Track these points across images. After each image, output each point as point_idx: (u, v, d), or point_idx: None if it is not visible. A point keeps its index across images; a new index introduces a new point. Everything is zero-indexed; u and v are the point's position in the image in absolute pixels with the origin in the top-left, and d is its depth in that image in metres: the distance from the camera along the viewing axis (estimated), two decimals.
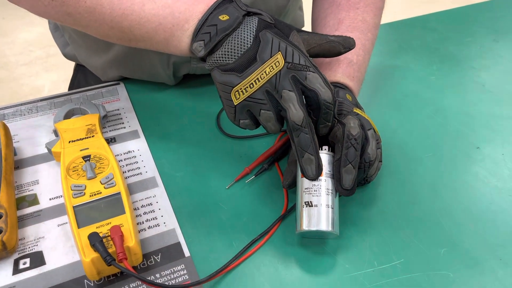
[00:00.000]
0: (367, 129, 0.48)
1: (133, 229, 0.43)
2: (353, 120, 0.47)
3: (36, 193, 0.51)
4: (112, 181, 0.48)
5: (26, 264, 0.44)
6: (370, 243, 0.47)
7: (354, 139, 0.46)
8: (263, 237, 0.48)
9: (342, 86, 0.55)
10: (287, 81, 0.43)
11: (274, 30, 0.45)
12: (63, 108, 0.58)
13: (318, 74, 0.44)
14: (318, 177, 0.45)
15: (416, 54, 0.78)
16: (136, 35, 0.47)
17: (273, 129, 0.46)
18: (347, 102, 0.52)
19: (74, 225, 0.43)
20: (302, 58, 0.44)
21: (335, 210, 0.45)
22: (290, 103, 0.43)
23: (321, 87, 0.44)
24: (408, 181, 0.54)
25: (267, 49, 0.44)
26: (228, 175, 0.55)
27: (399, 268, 0.45)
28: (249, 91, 0.44)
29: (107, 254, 0.40)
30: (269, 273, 0.45)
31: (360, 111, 0.51)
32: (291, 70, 0.43)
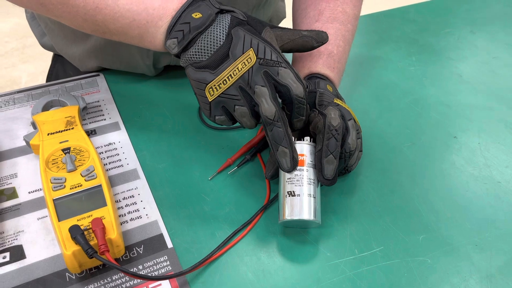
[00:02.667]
0: (347, 120, 0.49)
1: (115, 221, 0.43)
2: (334, 111, 0.48)
3: (15, 187, 0.50)
4: (93, 173, 0.47)
5: (6, 258, 0.44)
6: (350, 231, 0.48)
7: (335, 130, 0.47)
8: (246, 227, 0.48)
9: (323, 77, 0.56)
10: (259, 76, 0.44)
11: (247, 27, 0.46)
12: (41, 99, 0.56)
13: (289, 70, 0.45)
14: (293, 169, 0.45)
15: (395, 45, 0.79)
16: (111, 29, 0.47)
17: (249, 124, 0.46)
18: (328, 93, 0.52)
19: (55, 218, 0.43)
20: (274, 54, 0.45)
21: (317, 199, 0.46)
22: (262, 98, 0.44)
23: (292, 82, 0.44)
24: (388, 170, 0.55)
25: (239, 45, 0.44)
26: (211, 167, 0.55)
27: (378, 255, 0.46)
28: (223, 87, 0.45)
29: (88, 246, 0.40)
30: (252, 263, 0.45)
31: (340, 102, 0.52)
32: (263, 66, 0.44)
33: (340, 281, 0.43)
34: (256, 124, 0.47)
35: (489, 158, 0.57)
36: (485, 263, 0.45)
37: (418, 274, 0.44)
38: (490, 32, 0.84)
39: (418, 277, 0.44)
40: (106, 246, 0.41)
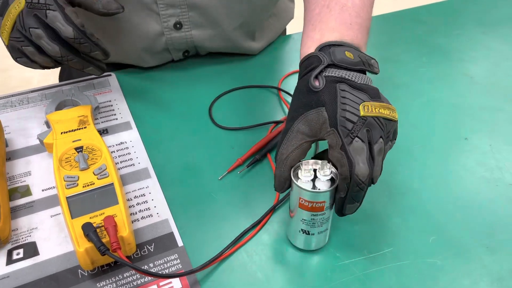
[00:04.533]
0: (374, 144, 0.41)
1: (126, 219, 0.44)
2: (362, 157, 0.40)
3: (29, 184, 0.51)
4: (105, 172, 0.48)
5: (19, 254, 0.45)
6: (360, 232, 0.48)
7: (362, 184, 0.40)
8: (255, 227, 0.48)
9: (337, 42, 0.45)
10: (31, 19, 0.48)
11: None
12: (55, 99, 0.57)
13: (58, 12, 0.48)
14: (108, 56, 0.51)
15: (406, 46, 0.79)
16: None
17: (41, 61, 0.51)
18: (348, 92, 0.42)
19: (68, 216, 0.43)
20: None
21: (329, 227, 0.45)
22: (40, 40, 0.48)
23: (60, 26, 0.48)
24: (397, 171, 0.55)
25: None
26: (221, 166, 0.55)
27: (388, 256, 0.46)
28: (7, 31, 0.50)
29: (101, 244, 0.40)
30: (261, 262, 0.45)
31: (369, 97, 0.43)
32: (32, 9, 0.48)
33: (349, 281, 0.44)
34: (50, 62, 0.50)
35: (501, 160, 0.57)
36: (496, 265, 0.45)
37: (428, 276, 0.44)
38: (502, 34, 0.83)
39: (428, 278, 0.44)
40: (118, 243, 0.41)
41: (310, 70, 0.44)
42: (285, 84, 0.70)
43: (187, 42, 0.68)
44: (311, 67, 0.44)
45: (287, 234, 0.47)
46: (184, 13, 0.65)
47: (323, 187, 0.41)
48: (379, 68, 0.48)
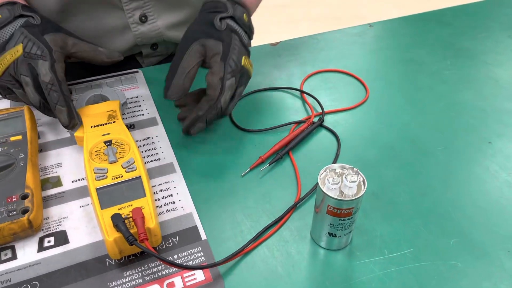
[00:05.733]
0: (226, 80, 0.53)
1: (153, 212, 0.45)
2: (230, 92, 0.54)
3: (59, 175, 0.53)
4: (133, 165, 0.49)
5: (50, 242, 0.46)
6: (381, 232, 0.48)
7: (221, 110, 0.54)
8: (277, 223, 0.49)
9: (240, 1, 0.59)
10: (24, 67, 0.52)
11: (33, 29, 0.54)
12: (85, 94, 0.59)
13: (48, 62, 0.52)
14: (71, 124, 0.52)
15: (430, 49, 0.79)
16: None
17: (27, 103, 0.54)
18: (239, 43, 0.55)
19: (98, 206, 0.45)
20: (40, 50, 0.52)
21: (354, 226, 0.46)
22: (26, 87, 0.52)
23: (43, 70, 0.51)
24: (419, 173, 0.55)
25: (12, 41, 0.53)
26: (243, 163, 0.56)
27: (408, 257, 0.46)
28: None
29: (129, 234, 0.42)
30: (282, 258, 0.46)
31: (247, 54, 0.57)
32: (27, 58, 0.52)
33: (369, 280, 0.44)
34: (38, 100, 0.53)
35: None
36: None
37: (449, 278, 0.44)
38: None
39: (448, 280, 0.44)
40: (146, 234, 0.42)
41: (215, 11, 0.56)
42: (306, 85, 0.71)
43: (156, 34, 0.70)
44: (218, 10, 0.56)
45: (311, 234, 0.48)
46: (148, 4, 0.67)
47: (351, 194, 0.42)
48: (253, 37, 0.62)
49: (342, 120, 0.64)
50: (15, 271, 0.44)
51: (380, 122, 0.63)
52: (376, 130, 0.62)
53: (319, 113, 0.64)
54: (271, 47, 0.79)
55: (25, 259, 0.45)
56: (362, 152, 0.59)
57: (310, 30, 2.58)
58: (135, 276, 0.44)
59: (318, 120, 0.62)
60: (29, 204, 0.46)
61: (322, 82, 0.71)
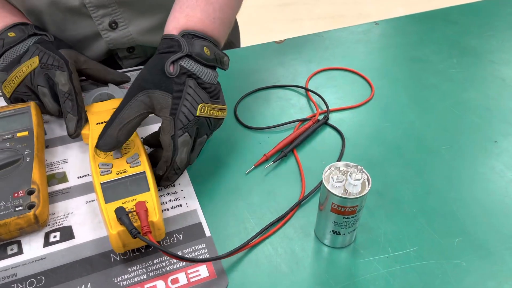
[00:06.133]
0: (178, 136, 0.47)
1: (157, 206, 0.45)
2: (186, 149, 0.48)
3: (65, 171, 0.53)
4: (138, 160, 0.50)
5: (56, 237, 0.47)
6: (385, 230, 0.48)
7: (179, 169, 0.49)
8: (281, 220, 0.49)
9: (199, 34, 0.51)
10: (41, 78, 0.54)
11: (47, 45, 0.57)
12: (92, 92, 0.60)
13: (66, 73, 0.54)
14: (76, 134, 0.53)
15: (436, 47, 0.79)
16: None
17: (49, 112, 0.56)
18: (193, 90, 0.48)
19: (102, 201, 0.45)
20: (56, 61, 0.55)
21: (358, 223, 0.46)
22: (44, 97, 0.54)
23: (62, 81, 0.54)
24: (424, 172, 0.55)
25: (28, 54, 0.55)
26: (248, 161, 0.56)
27: (412, 255, 0.46)
28: (13, 85, 0.55)
29: (132, 227, 0.42)
30: (286, 255, 0.46)
31: (209, 97, 0.50)
32: (44, 69, 0.54)
33: (373, 278, 0.44)
34: (57, 110, 0.55)
35: None
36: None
37: (453, 276, 0.44)
38: None
39: (452, 279, 0.44)
40: (149, 227, 0.43)
41: (169, 51, 0.50)
42: (311, 83, 0.71)
43: (128, 40, 0.68)
44: (171, 49, 0.50)
45: (315, 231, 0.48)
46: (116, 11, 0.64)
47: (355, 192, 0.42)
48: (229, 66, 0.56)
49: (347, 118, 0.64)
50: (21, 266, 0.44)
51: (385, 120, 0.63)
52: (381, 128, 0.62)
53: (324, 111, 0.64)
54: (277, 45, 0.79)
55: (31, 254, 0.45)
56: (367, 151, 0.58)
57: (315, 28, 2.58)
58: (140, 272, 0.44)
59: (323, 118, 0.62)
60: (35, 200, 0.46)
61: (327, 80, 0.71)
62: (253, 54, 0.76)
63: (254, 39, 1.20)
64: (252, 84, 0.69)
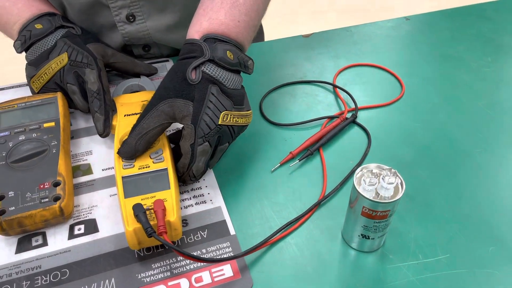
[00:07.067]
0: (198, 145, 0.46)
1: (175, 205, 0.44)
2: (204, 158, 0.47)
3: (90, 163, 0.53)
4: (161, 156, 0.49)
5: (80, 230, 0.47)
6: (415, 235, 0.47)
7: (194, 177, 0.49)
8: (300, 219, 0.48)
9: (222, 37, 0.49)
10: (70, 76, 0.54)
11: (75, 39, 0.56)
12: (123, 83, 0.59)
13: (95, 71, 0.54)
14: (105, 133, 0.52)
15: (470, 44, 0.76)
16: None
17: (78, 109, 0.57)
18: (215, 97, 0.47)
19: (121, 195, 0.45)
20: (85, 58, 0.55)
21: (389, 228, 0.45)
22: (73, 95, 0.55)
23: (92, 79, 0.54)
24: (456, 175, 0.53)
25: (56, 50, 0.55)
26: (273, 158, 0.55)
27: (444, 263, 0.44)
28: (42, 82, 0.55)
29: (148, 225, 0.41)
30: (312, 257, 0.45)
31: (232, 105, 0.48)
32: (73, 67, 0.54)
33: (402, 285, 0.43)
34: (86, 107, 0.55)
35: None
36: None
37: (486, 287, 0.43)
38: None
39: None
40: (165, 227, 0.42)
41: (191, 57, 0.48)
42: (339, 79, 0.69)
43: (144, 35, 0.66)
44: (193, 55, 0.48)
45: (342, 234, 0.47)
46: (135, 4, 0.62)
47: (387, 196, 0.41)
48: (253, 69, 0.53)
49: (375, 117, 0.62)
50: (45, 258, 0.44)
51: (416, 120, 0.61)
52: (411, 128, 0.60)
53: (352, 109, 0.63)
54: (304, 39, 0.77)
55: (55, 246, 0.45)
56: (396, 151, 0.57)
57: (338, 21, 2.53)
58: (163, 269, 0.44)
59: (351, 116, 0.60)
60: (61, 192, 0.46)
61: (356, 76, 0.69)
62: (279, 48, 0.75)
63: (275, 32, 1.18)
64: (278, 79, 0.68)
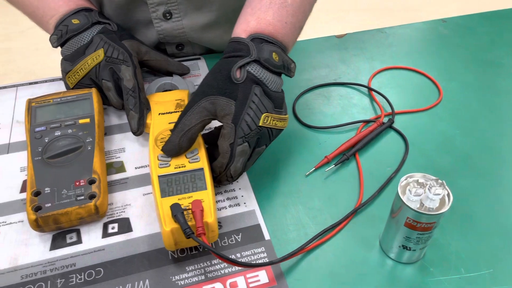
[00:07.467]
0: (237, 145, 0.45)
1: (213, 206, 0.44)
2: (242, 159, 0.46)
3: (123, 161, 0.53)
4: (197, 156, 0.48)
5: (114, 229, 0.46)
6: (456, 248, 0.45)
7: (231, 178, 0.48)
8: (336, 227, 0.47)
9: (269, 38, 0.49)
10: (106, 72, 0.54)
11: (111, 35, 0.56)
12: (156, 81, 0.59)
13: (131, 68, 0.54)
14: (139, 131, 0.52)
15: (510, 49, 0.73)
16: (24, 12, 0.60)
17: (112, 105, 0.56)
18: (258, 98, 0.46)
19: (158, 194, 0.44)
20: (121, 54, 0.54)
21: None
22: (108, 91, 0.54)
23: (127, 76, 0.53)
24: (499, 186, 0.51)
25: (92, 46, 0.55)
26: (307, 161, 0.54)
27: (487, 278, 0.43)
28: (77, 77, 0.55)
29: (187, 226, 0.41)
30: (348, 264, 0.44)
31: (273, 107, 0.47)
32: (109, 63, 0.54)
33: None
34: (120, 104, 0.55)
35: None
36: None
37: None
38: None
39: None
40: (203, 228, 0.41)
41: (237, 56, 0.48)
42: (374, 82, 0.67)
43: (179, 33, 0.65)
44: (239, 54, 0.48)
45: (380, 243, 0.45)
46: (173, 1, 0.61)
47: (432, 207, 0.39)
48: (295, 72, 0.52)
49: (412, 122, 0.60)
50: (80, 256, 0.44)
51: (455, 127, 0.59)
52: (451, 135, 0.58)
53: (389, 113, 0.61)
54: (337, 39, 0.75)
55: (90, 244, 0.45)
56: (435, 159, 0.55)
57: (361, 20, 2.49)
58: (198, 272, 0.43)
59: (388, 121, 0.59)
60: (96, 190, 0.45)
61: (391, 79, 0.67)
62: (312, 48, 0.73)
63: None
64: (311, 80, 0.67)
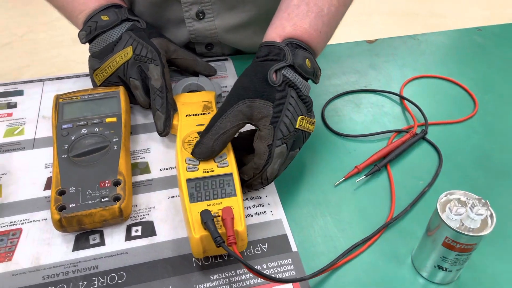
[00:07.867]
0: (275, 146, 0.45)
1: (242, 213, 0.42)
2: (280, 160, 0.45)
3: (148, 162, 0.52)
4: (225, 161, 0.47)
5: (138, 232, 0.45)
6: (493, 270, 0.43)
7: (267, 180, 0.46)
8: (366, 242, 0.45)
9: (304, 45, 0.49)
10: (134, 70, 0.53)
11: (139, 33, 0.55)
12: (182, 81, 0.57)
13: (159, 67, 0.53)
14: (165, 132, 0.51)
15: None
16: (53, 5, 0.60)
17: (139, 104, 0.55)
18: (295, 101, 0.46)
19: (186, 199, 0.43)
20: (150, 53, 0.53)
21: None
22: (135, 90, 0.54)
23: (155, 75, 0.52)
24: None
25: (121, 43, 0.54)
26: (336, 171, 0.52)
27: None
28: (105, 75, 0.54)
29: (218, 234, 0.39)
30: (379, 283, 0.42)
31: (306, 110, 0.47)
32: (138, 61, 0.53)
33: None
34: (147, 103, 0.54)
35: None
36: None
37: None
38: None
39: None
40: (234, 237, 0.40)
41: (272, 59, 0.47)
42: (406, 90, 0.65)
43: (211, 33, 0.64)
44: (274, 57, 0.47)
45: (413, 260, 0.43)
46: (207, 1, 0.60)
47: (472, 227, 0.37)
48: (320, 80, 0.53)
49: (445, 134, 0.58)
50: (102, 258, 0.43)
51: (491, 141, 0.57)
52: (487, 150, 0.56)
53: (422, 123, 0.59)
54: (368, 45, 0.73)
55: (112, 246, 0.44)
56: (470, 174, 0.53)
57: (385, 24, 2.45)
58: (222, 282, 0.42)
59: (421, 132, 0.57)
60: (121, 192, 0.44)
61: (424, 88, 0.65)
62: (341, 52, 0.71)
63: None
64: (341, 85, 0.65)
